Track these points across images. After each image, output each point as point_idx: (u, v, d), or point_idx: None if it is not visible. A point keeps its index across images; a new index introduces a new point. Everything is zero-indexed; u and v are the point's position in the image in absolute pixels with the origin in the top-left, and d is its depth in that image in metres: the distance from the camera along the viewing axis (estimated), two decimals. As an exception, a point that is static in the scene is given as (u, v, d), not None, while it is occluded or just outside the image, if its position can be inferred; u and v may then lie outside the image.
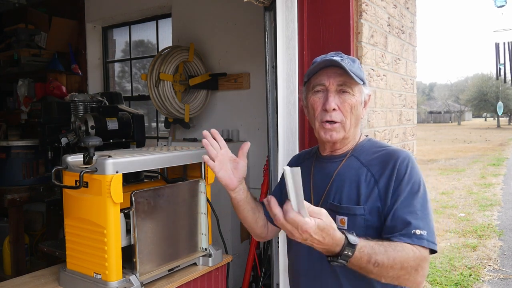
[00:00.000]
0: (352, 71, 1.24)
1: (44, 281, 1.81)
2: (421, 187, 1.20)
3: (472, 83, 44.18)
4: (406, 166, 1.22)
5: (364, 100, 1.32)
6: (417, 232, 1.13)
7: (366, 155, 1.30)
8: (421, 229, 1.14)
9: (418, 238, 1.13)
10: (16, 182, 3.37)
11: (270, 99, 2.19)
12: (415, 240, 1.13)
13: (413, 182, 1.20)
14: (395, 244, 1.12)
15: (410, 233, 1.14)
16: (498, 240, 5.73)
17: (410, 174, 1.20)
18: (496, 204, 7.85)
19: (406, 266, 1.10)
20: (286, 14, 1.98)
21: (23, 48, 4.22)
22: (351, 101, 1.26)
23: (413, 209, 1.17)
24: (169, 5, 3.85)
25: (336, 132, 1.28)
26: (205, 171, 2.02)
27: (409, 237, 1.13)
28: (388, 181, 1.21)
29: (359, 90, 1.29)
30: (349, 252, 1.04)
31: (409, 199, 1.18)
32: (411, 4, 2.73)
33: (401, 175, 1.20)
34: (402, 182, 1.20)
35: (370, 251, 1.06)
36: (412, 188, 1.19)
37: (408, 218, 1.15)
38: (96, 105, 2.77)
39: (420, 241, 1.13)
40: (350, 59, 1.29)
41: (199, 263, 1.99)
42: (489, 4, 4.33)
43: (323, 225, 0.99)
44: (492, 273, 4.60)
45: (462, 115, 49.86)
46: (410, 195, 1.18)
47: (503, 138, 24.05)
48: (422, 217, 1.16)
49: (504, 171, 11.79)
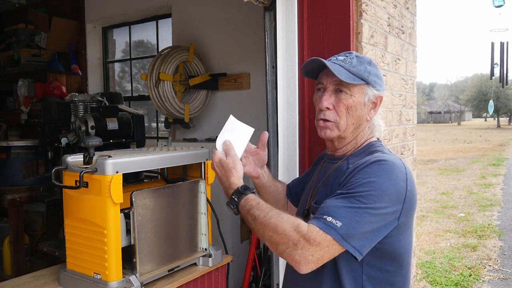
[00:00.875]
0: (350, 71, 1.23)
1: (44, 281, 1.81)
2: (369, 189, 1.09)
3: (472, 83, 44.20)
4: (368, 169, 1.13)
5: (371, 101, 1.28)
6: (328, 219, 1.07)
7: (357, 159, 1.25)
8: (336, 219, 1.07)
9: (324, 223, 1.07)
10: (16, 182, 3.37)
11: (270, 99, 2.19)
12: (319, 223, 1.07)
13: (366, 181, 1.11)
14: (286, 214, 1.13)
15: (321, 216, 1.09)
16: (498, 240, 5.73)
17: (366, 174, 1.12)
18: (496, 204, 7.85)
19: (280, 232, 1.08)
20: (286, 14, 1.98)
21: (23, 48, 4.22)
22: (347, 101, 1.25)
23: (345, 203, 1.09)
24: (169, 5, 3.85)
25: (330, 130, 1.28)
26: (205, 171, 2.02)
27: (317, 219, 1.09)
28: (347, 175, 1.18)
29: (360, 91, 1.26)
30: (236, 197, 1.21)
31: (349, 193, 1.11)
32: (411, 4, 2.73)
33: (361, 172, 1.13)
34: (352, 177, 1.14)
35: (254, 204, 1.18)
36: (361, 184, 1.11)
37: (331, 205, 1.10)
38: (96, 105, 2.77)
39: (324, 226, 1.06)
40: (358, 59, 1.27)
41: (199, 263, 1.99)
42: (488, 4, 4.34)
43: (224, 162, 1.29)
44: (492, 273, 4.60)
45: (462, 115, 49.87)
46: (350, 188, 1.12)
47: (503, 138, 24.05)
48: (347, 210, 1.08)
49: (504, 171, 11.79)
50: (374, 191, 1.09)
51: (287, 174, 2.02)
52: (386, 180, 1.11)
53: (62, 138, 2.54)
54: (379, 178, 1.11)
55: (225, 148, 1.30)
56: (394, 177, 1.12)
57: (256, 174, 1.52)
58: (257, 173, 1.52)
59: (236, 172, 1.25)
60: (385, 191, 1.10)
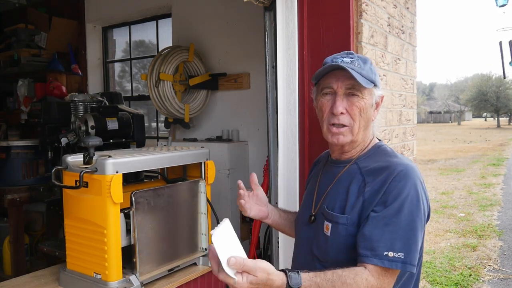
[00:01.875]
0: (362, 74, 1.22)
1: (44, 281, 1.81)
2: (409, 207, 1.13)
3: (472, 83, 44.21)
4: (397, 185, 1.15)
5: (376, 102, 1.29)
6: (390, 254, 1.10)
7: (368, 164, 1.25)
8: (396, 251, 1.10)
9: (390, 260, 1.10)
10: (16, 182, 3.36)
11: (270, 99, 2.19)
12: (385, 263, 1.10)
13: (400, 202, 1.13)
14: (347, 275, 1.09)
15: (382, 254, 1.10)
16: (498, 240, 5.73)
17: (398, 192, 1.14)
18: (496, 204, 7.84)
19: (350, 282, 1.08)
20: (286, 14, 1.98)
21: (23, 48, 4.22)
22: (360, 104, 1.23)
23: (393, 228, 1.11)
24: (169, 5, 3.85)
25: (343, 136, 1.26)
26: (205, 171, 2.02)
27: (380, 258, 1.10)
28: (375, 193, 1.17)
29: (370, 93, 1.25)
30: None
31: (391, 217, 1.12)
32: (411, 4, 2.73)
33: (389, 193, 1.14)
34: (387, 200, 1.14)
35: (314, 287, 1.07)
36: (398, 208, 1.13)
37: (386, 237, 1.11)
38: (96, 105, 2.77)
39: (390, 264, 1.10)
40: (362, 60, 1.26)
41: (199, 263, 1.99)
42: (490, 3, 4.33)
43: (257, 282, 1.01)
44: (492, 273, 4.60)
45: (462, 115, 49.86)
46: (393, 214, 1.13)
47: (503, 138, 24.04)
48: (402, 236, 1.11)
49: (504, 171, 11.78)
50: (414, 210, 1.14)
51: (287, 174, 2.02)
52: (416, 193, 1.16)
53: (62, 138, 2.54)
54: (411, 194, 1.14)
55: (238, 267, 1.02)
56: (419, 187, 1.17)
57: (264, 214, 1.49)
58: (264, 213, 1.49)
59: (271, 274, 1.04)
60: (418, 205, 1.15)
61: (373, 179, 1.19)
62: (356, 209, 1.19)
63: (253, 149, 3.37)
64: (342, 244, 1.19)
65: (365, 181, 1.21)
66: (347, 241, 1.18)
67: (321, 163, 1.47)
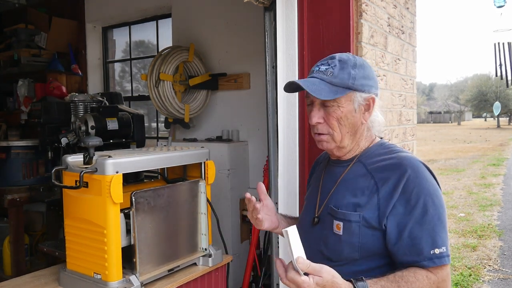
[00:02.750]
0: (333, 82, 1.20)
1: (44, 281, 1.81)
2: (432, 200, 1.15)
3: (471, 83, 44.20)
4: (414, 181, 1.15)
5: (362, 105, 1.24)
6: (437, 252, 1.13)
7: (373, 161, 1.25)
8: (439, 246, 1.13)
9: (439, 257, 1.13)
10: (16, 182, 3.37)
11: (270, 99, 2.20)
12: (436, 262, 1.13)
13: (423, 198, 1.14)
14: (407, 275, 1.11)
15: (429, 255, 1.12)
16: (498, 240, 5.73)
17: (418, 189, 1.15)
18: (496, 204, 7.85)
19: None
20: (286, 15, 1.98)
21: (23, 48, 4.22)
22: (336, 113, 1.22)
23: (427, 226, 1.13)
24: (169, 5, 3.85)
25: (326, 142, 1.26)
26: (205, 171, 2.02)
27: (430, 259, 1.13)
28: (391, 193, 1.16)
29: (348, 99, 1.22)
30: None
31: (421, 217, 1.13)
32: (411, 4, 2.73)
33: (409, 192, 1.15)
34: (410, 199, 1.14)
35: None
36: (424, 204, 1.14)
37: (425, 238, 1.13)
38: (96, 105, 2.77)
39: (441, 260, 1.13)
40: (340, 66, 1.23)
41: (199, 263, 1.99)
42: (489, 4, 4.33)
43: (323, 283, 1.01)
44: (492, 273, 4.60)
45: (462, 115, 49.86)
46: (422, 212, 1.14)
47: (503, 138, 24.04)
48: (438, 232, 1.14)
49: (504, 171, 11.78)
50: (438, 202, 1.16)
51: (287, 174, 2.02)
52: (434, 185, 1.18)
53: (62, 138, 2.54)
54: (431, 188, 1.17)
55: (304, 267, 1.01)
56: (431, 178, 1.20)
57: (275, 224, 1.45)
58: (275, 223, 1.45)
59: (336, 277, 1.04)
60: (439, 196, 1.18)
61: (385, 176, 1.19)
62: (370, 207, 1.18)
63: (253, 149, 3.37)
64: (356, 242, 1.18)
65: (375, 179, 1.20)
66: (361, 239, 1.18)
67: (321, 165, 1.46)
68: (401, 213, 1.15)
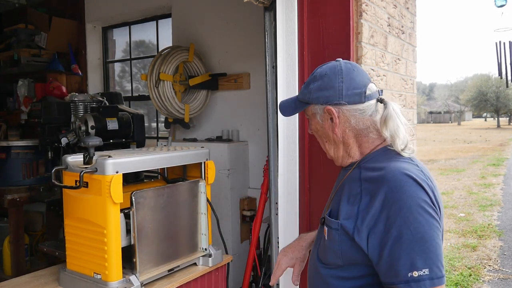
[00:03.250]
0: (299, 99, 1.31)
1: (44, 281, 1.81)
2: (414, 217, 1.04)
3: (472, 83, 44.21)
4: (394, 196, 1.07)
5: (325, 118, 1.23)
6: (415, 275, 1.01)
7: (367, 168, 1.20)
8: (419, 269, 1.01)
9: (416, 281, 1.01)
10: (16, 182, 3.37)
11: (270, 99, 2.19)
12: (413, 285, 1.01)
13: (403, 215, 1.05)
14: None
15: (406, 277, 1.02)
16: (498, 240, 5.73)
17: (398, 206, 1.06)
18: (496, 204, 7.85)
19: None
20: (286, 15, 1.98)
21: (23, 48, 4.22)
22: (311, 127, 1.32)
23: (407, 246, 1.03)
24: (169, 5, 3.85)
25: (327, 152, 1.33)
26: (205, 171, 2.02)
27: (406, 282, 1.02)
28: (370, 204, 1.10)
29: (310, 112, 1.29)
30: None
31: (400, 236, 1.04)
32: (411, 4, 2.73)
33: (388, 208, 1.06)
34: (389, 216, 1.06)
35: None
36: (404, 222, 1.04)
37: (404, 259, 1.03)
38: (96, 105, 2.77)
39: (418, 284, 1.01)
40: (309, 81, 1.28)
41: (199, 263, 1.99)
42: (489, 4, 4.32)
43: None
44: (492, 273, 4.60)
45: (462, 115, 49.86)
46: (400, 231, 1.04)
47: (503, 138, 24.04)
48: (419, 252, 1.03)
49: (504, 171, 11.78)
50: (422, 219, 1.05)
51: (287, 174, 2.02)
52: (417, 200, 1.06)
53: (62, 138, 2.54)
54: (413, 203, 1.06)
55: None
56: (419, 191, 1.08)
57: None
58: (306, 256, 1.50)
59: None
60: (424, 211, 1.06)
61: (369, 187, 1.14)
62: (349, 216, 1.15)
63: (253, 149, 3.37)
64: (337, 249, 1.17)
65: (361, 187, 1.16)
66: (341, 247, 1.16)
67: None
68: (381, 231, 1.07)
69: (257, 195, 3.17)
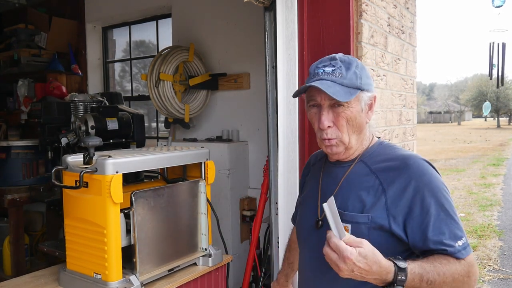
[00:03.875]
0: (344, 84, 1.19)
1: (44, 281, 1.81)
2: (444, 195, 1.17)
3: (472, 83, 44.25)
4: (422, 178, 1.17)
5: (367, 104, 1.25)
6: (459, 243, 1.13)
7: (375, 161, 1.25)
8: (460, 238, 1.14)
9: (463, 248, 1.13)
10: (16, 182, 3.37)
11: (270, 99, 2.19)
12: (463, 253, 1.13)
13: (435, 194, 1.16)
14: (439, 258, 1.12)
15: (455, 248, 1.13)
16: (498, 240, 5.73)
17: (429, 186, 1.16)
18: (496, 204, 7.85)
19: (457, 277, 1.11)
20: (286, 14, 1.98)
21: (23, 48, 4.22)
22: (345, 114, 1.21)
23: (447, 221, 1.14)
24: (169, 5, 3.85)
25: (336, 147, 1.25)
26: (205, 171, 2.02)
27: (457, 251, 1.13)
28: (399, 193, 1.17)
29: (357, 99, 1.22)
30: (402, 276, 1.05)
31: (439, 213, 1.14)
32: (411, 4, 2.73)
33: (421, 189, 1.15)
34: (424, 197, 1.15)
35: (420, 270, 1.08)
36: (437, 200, 1.15)
37: (447, 232, 1.14)
38: (96, 105, 2.77)
39: (466, 251, 1.14)
40: (345, 65, 1.23)
41: (199, 263, 1.99)
42: (488, 4, 4.31)
43: (365, 252, 1.02)
44: (492, 273, 4.60)
45: (462, 115, 49.87)
46: (438, 208, 1.15)
47: (503, 138, 24.05)
48: (455, 224, 1.15)
49: (504, 171, 11.79)
50: (447, 195, 1.18)
51: (287, 174, 2.02)
52: (440, 179, 1.21)
53: (62, 138, 2.54)
54: (439, 182, 1.19)
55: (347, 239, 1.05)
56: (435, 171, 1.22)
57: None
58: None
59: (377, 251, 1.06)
60: (446, 189, 1.20)
61: (390, 177, 1.20)
62: (378, 208, 1.18)
63: (253, 149, 3.37)
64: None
65: (380, 179, 1.21)
66: (371, 241, 1.14)
67: (316, 166, 1.45)
68: (418, 214, 1.15)
69: (257, 195, 3.17)
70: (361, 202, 1.21)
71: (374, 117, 1.34)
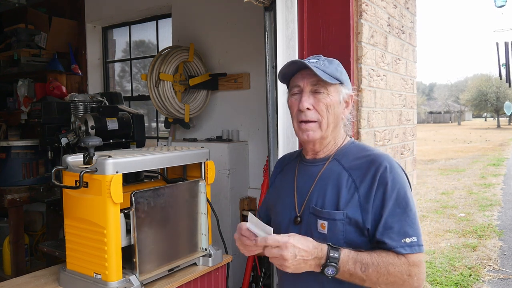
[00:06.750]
0: (326, 72, 1.27)
1: (44, 281, 1.81)
2: (406, 193, 1.22)
3: (472, 83, 44.21)
4: (388, 174, 1.22)
5: (344, 100, 1.33)
6: (406, 241, 1.18)
7: (348, 159, 1.31)
8: (409, 236, 1.18)
9: (408, 246, 1.17)
10: (16, 182, 3.37)
11: (270, 99, 2.19)
12: (405, 249, 1.17)
13: (397, 190, 1.21)
14: (380, 251, 1.18)
15: (396, 242, 1.17)
16: (498, 240, 5.73)
17: (393, 182, 1.22)
18: (496, 204, 7.85)
19: (393, 272, 1.15)
20: (286, 14, 1.98)
21: (23, 48, 4.22)
22: (326, 100, 1.28)
23: (401, 217, 1.19)
24: (169, 5, 3.85)
25: (313, 131, 1.30)
26: (205, 171, 2.02)
27: (398, 246, 1.17)
28: (369, 189, 1.23)
29: (336, 90, 1.30)
30: (335, 253, 1.14)
31: (395, 208, 1.20)
32: (411, 4, 2.73)
33: (384, 184, 1.21)
34: (386, 191, 1.21)
35: (355, 255, 1.15)
36: (397, 196, 1.21)
37: (396, 227, 1.18)
38: (96, 105, 2.77)
39: (411, 249, 1.17)
40: (328, 61, 1.32)
41: (199, 263, 1.99)
42: (489, 4, 4.33)
43: (297, 236, 1.15)
44: (492, 273, 4.60)
45: (462, 115, 49.88)
46: (395, 204, 1.20)
47: (503, 138, 24.05)
48: (409, 222, 1.19)
49: (504, 171, 11.79)
50: (410, 195, 1.24)
51: (287, 174, 2.02)
52: (406, 180, 1.27)
53: (62, 138, 2.54)
54: (404, 182, 1.25)
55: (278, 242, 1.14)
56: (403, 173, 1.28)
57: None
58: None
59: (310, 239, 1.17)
60: (410, 190, 1.26)
61: (361, 174, 1.25)
62: (352, 205, 1.23)
63: (253, 149, 3.37)
64: (341, 239, 1.22)
65: (352, 177, 1.26)
66: (346, 236, 1.22)
67: (290, 165, 1.47)
68: (378, 206, 1.21)
69: (257, 195, 3.17)
70: (336, 199, 1.26)
71: (374, 117, 1.36)
